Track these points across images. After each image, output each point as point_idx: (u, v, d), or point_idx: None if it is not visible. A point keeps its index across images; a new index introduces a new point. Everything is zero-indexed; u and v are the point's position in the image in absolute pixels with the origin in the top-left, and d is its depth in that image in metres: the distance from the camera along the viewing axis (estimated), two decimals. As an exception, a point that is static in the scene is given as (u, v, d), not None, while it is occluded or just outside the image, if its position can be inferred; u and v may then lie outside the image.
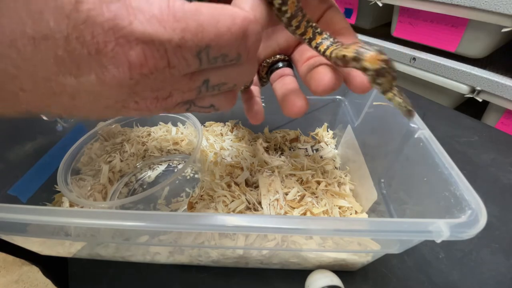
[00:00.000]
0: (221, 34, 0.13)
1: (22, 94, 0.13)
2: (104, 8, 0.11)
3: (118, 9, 0.11)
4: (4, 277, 0.29)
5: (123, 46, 0.12)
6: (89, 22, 0.11)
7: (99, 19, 0.11)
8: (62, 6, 0.11)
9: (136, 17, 0.12)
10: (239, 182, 0.36)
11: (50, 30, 0.11)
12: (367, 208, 0.32)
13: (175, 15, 0.12)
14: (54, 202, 0.38)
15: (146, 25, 0.12)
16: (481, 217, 0.17)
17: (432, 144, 0.23)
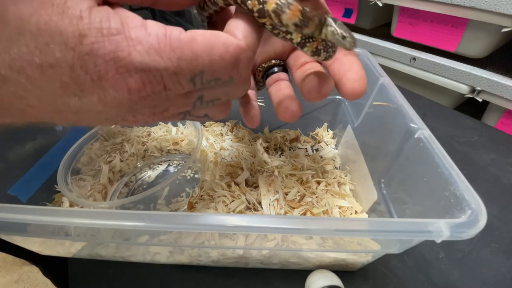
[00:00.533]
0: (214, 61, 0.14)
1: (29, 110, 0.14)
2: (106, 41, 0.12)
3: (119, 41, 0.13)
4: (4, 277, 0.29)
5: (122, 74, 0.13)
6: (92, 54, 0.12)
7: (101, 51, 0.12)
8: (67, 40, 0.12)
9: (135, 48, 0.13)
10: (239, 182, 0.36)
11: (56, 60, 0.12)
12: (367, 208, 0.32)
13: (171, 45, 0.13)
14: (54, 202, 0.38)
15: (144, 56, 0.13)
16: (481, 217, 0.17)
17: (432, 144, 0.23)
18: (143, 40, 0.13)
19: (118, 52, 0.13)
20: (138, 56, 0.13)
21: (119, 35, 0.13)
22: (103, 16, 0.13)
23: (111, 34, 0.12)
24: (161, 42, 0.13)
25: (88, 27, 0.12)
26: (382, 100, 0.31)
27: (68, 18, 0.12)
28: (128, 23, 0.13)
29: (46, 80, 0.13)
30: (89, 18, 0.12)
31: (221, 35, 0.15)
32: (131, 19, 0.13)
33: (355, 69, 0.21)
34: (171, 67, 0.13)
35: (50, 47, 0.12)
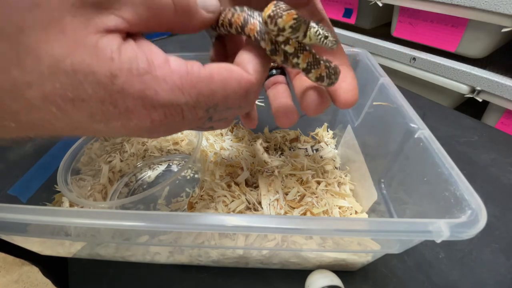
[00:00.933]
0: (228, 96, 0.17)
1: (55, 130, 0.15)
2: (135, 81, 0.14)
3: (146, 81, 0.14)
4: (4, 277, 0.29)
5: (148, 109, 0.15)
6: (122, 92, 0.14)
7: (131, 90, 0.14)
8: (100, 80, 0.13)
9: (161, 87, 0.14)
10: (239, 182, 0.36)
11: (88, 96, 0.14)
12: (367, 208, 0.32)
13: (192, 82, 0.15)
14: (54, 202, 0.38)
15: (169, 93, 0.15)
16: (481, 217, 0.17)
17: (432, 144, 0.23)
18: (167, 78, 0.14)
19: (146, 91, 0.14)
20: (163, 94, 0.15)
21: (147, 74, 0.14)
22: (131, 57, 0.14)
23: (140, 74, 0.14)
24: (183, 80, 0.15)
25: (119, 67, 0.14)
26: (382, 100, 0.31)
27: (100, 60, 0.13)
28: (154, 61, 0.14)
29: (77, 111, 0.14)
30: (119, 59, 0.14)
31: (234, 71, 0.17)
32: (156, 55, 0.15)
33: (348, 80, 0.22)
34: (191, 102, 0.15)
35: (83, 85, 0.13)
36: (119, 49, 0.14)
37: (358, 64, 0.37)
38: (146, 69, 0.14)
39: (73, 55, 0.13)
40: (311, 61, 0.18)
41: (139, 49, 0.14)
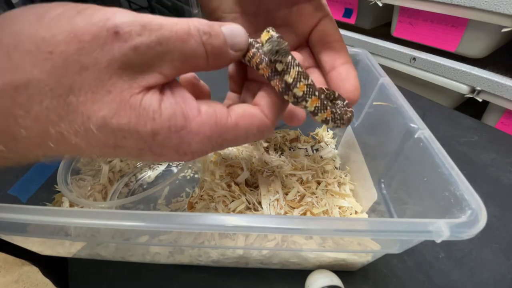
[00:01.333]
0: (247, 138, 0.19)
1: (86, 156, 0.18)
2: (173, 137, 0.16)
3: (183, 136, 0.16)
4: (4, 277, 0.29)
5: (180, 154, 0.17)
6: (161, 145, 0.16)
7: (168, 143, 0.16)
8: (142, 136, 0.15)
9: (194, 139, 0.16)
10: (239, 182, 0.36)
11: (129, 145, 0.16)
12: (367, 208, 0.32)
13: (219, 131, 0.17)
14: (54, 202, 0.38)
15: (199, 144, 0.17)
16: (481, 217, 0.17)
17: (432, 144, 0.23)
18: (200, 131, 0.16)
19: (182, 145, 0.16)
20: (195, 145, 0.17)
21: (183, 130, 0.16)
22: (170, 114, 0.16)
23: (177, 131, 0.16)
24: (212, 131, 0.17)
25: (160, 126, 0.15)
26: (382, 100, 0.31)
27: (143, 120, 0.15)
28: (189, 115, 0.16)
29: (115, 152, 0.16)
30: (160, 118, 0.15)
31: (256, 118, 0.19)
32: (189, 107, 0.16)
33: (351, 80, 0.23)
34: (216, 147, 0.18)
35: (126, 139, 0.15)
36: (159, 108, 0.15)
37: (358, 64, 0.37)
38: (182, 125, 0.16)
39: (119, 115, 0.14)
40: (318, 106, 0.19)
41: (176, 103, 0.16)
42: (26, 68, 0.13)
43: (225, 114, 0.18)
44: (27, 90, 0.13)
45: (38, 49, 0.13)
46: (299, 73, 0.18)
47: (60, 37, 0.13)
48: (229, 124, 0.17)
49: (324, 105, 0.19)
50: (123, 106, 0.14)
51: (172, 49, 0.15)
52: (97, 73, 0.14)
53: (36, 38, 0.13)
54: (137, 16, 0.15)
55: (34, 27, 0.13)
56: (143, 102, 0.15)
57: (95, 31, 0.14)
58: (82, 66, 0.14)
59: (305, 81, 0.18)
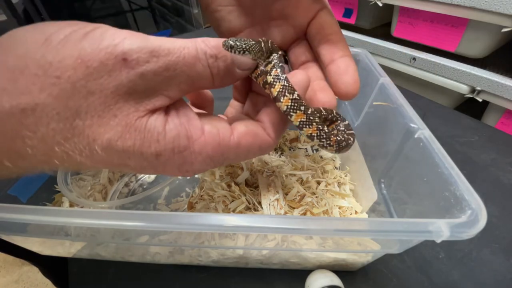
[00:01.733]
0: (248, 156, 0.19)
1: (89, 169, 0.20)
2: (176, 157, 0.16)
3: (186, 156, 0.16)
4: (4, 277, 0.29)
5: (182, 172, 0.17)
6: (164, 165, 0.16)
7: (171, 163, 0.16)
8: (146, 157, 0.16)
9: (196, 159, 0.17)
10: (239, 182, 0.36)
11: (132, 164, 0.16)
12: (367, 208, 0.32)
13: (221, 151, 0.17)
14: (54, 202, 0.38)
15: (201, 163, 0.17)
16: (481, 217, 0.17)
17: (432, 144, 0.23)
18: (202, 152, 0.17)
19: (184, 164, 0.17)
20: (197, 164, 0.17)
21: (186, 150, 0.16)
22: (174, 136, 0.16)
23: (180, 151, 0.16)
24: (214, 151, 0.17)
25: (164, 148, 0.16)
26: (382, 100, 0.31)
27: (148, 142, 0.15)
28: (192, 135, 0.16)
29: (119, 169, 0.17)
30: (164, 140, 0.16)
31: (258, 137, 0.19)
32: (193, 127, 0.17)
33: (350, 73, 0.23)
34: (217, 164, 0.18)
35: (130, 159, 0.16)
36: (164, 129, 0.16)
37: (358, 64, 0.37)
38: (186, 145, 0.16)
39: (124, 138, 0.15)
40: (303, 120, 0.19)
41: (180, 123, 0.16)
42: (34, 92, 0.13)
43: (228, 134, 0.18)
44: (34, 113, 0.14)
45: (45, 74, 0.13)
46: (284, 87, 0.18)
47: (67, 62, 0.13)
48: (231, 144, 0.18)
49: (310, 120, 0.19)
50: (128, 129, 0.15)
51: (179, 73, 0.16)
52: (103, 98, 0.14)
53: (43, 62, 0.13)
54: (146, 40, 0.15)
55: (41, 50, 0.13)
56: (148, 124, 0.15)
57: (103, 57, 0.14)
58: (89, 91, 0.14)
59: (289, 95, 0.18)
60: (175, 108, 0.17)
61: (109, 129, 0.14)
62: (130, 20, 2.09)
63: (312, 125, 0.19)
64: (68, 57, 0.13)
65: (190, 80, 0.16)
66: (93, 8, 1.97)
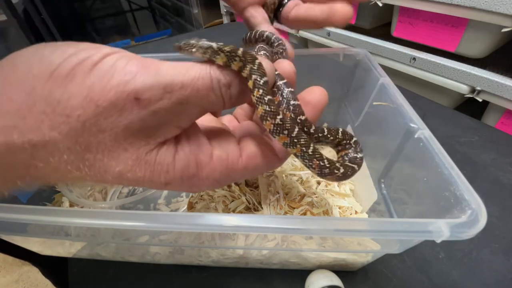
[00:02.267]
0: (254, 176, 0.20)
1: None
2: (185, 184, 0.17)
3: (194, 182, 0.17)
4: (4, 277, 0.29)
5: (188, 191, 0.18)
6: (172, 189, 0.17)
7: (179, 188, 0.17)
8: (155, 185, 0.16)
9: (204, 184, 0.17)
10: (239, 182, 0.36)
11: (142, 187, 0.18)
12: (367, 208, 0.32)
13: (228, 174, 0.17)
14: (54, 202, 0.38)
15: (208, 186, 0.18)
16: (481, 217, 0.17)
17: (432, 144, 0.23)
18: (210, 177, 0.17)
19: (192, 188, 0.17)
20: (204, 187, 0.17)
21: (194, 177, 0.16)
22: (184, 165, 0.16)
23: (189, 178, 0.16)
24: (222, 175, 0.17)
25: (173, 177, 0.16)
26: (382, 100, 0.31)
27: (157, 174, 0.15)
28: (202, 162, 0.17)
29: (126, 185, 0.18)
30: (174, 171, 0.16)
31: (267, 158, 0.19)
32: (204, 155, 0.17)
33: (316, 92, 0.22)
34: (222, 185, 0.19)
35: (140, 184, 0.16)
36: (174, 161, 0.16)
37: (358, 64, 0.37)
38: (195, 173, 0.16)
39: (135, 171, 0.15)
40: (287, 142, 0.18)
41: (190, 151, 0.16)
42: (43, 130, 0.13)
43: (236, 157, 0.18)
44: (45, 148, 0.14)
45: (53, 112, 0.13)
46: (266, 112, 0.17)
47: (76, 101, 0.13)
48: (239, 167, 0.18)
49: (294, 142, 0.18)
50: (138, 163, 0.15)
51: (191, 106, 0.15)
52: (114, 135, 0.14)
53: (51, 100, 0.13)
54: (158, 74, 0.14)
55: (48, 86, 0.13)
56: (158, 157, 0.15)
57: (113, 96, 0.13)
58: (99, 129, 0.14)
59: (271, 120, 0.17)
60: (186, 134, 0.17)
61: (119, 163, 0.15)
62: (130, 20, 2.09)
63: (296, 147, 0.18)
64: (77, 95, 0.13)
65: (202, 109, 0.16)
66: (93, 8, 1.97)
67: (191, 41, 0.17)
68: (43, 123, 0.13)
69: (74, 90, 0.13)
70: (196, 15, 1.87)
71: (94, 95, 0.13)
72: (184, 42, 0.17)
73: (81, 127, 0.13)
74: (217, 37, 0.61)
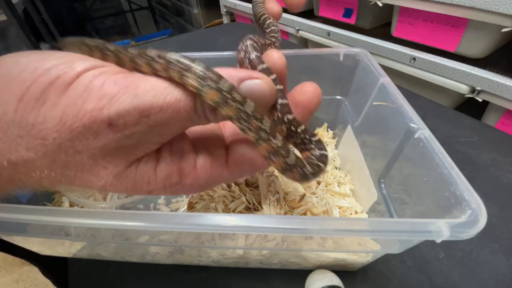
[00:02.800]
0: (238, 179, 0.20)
1: None
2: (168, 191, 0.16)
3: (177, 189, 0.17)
4: (4, 277, 0.29)
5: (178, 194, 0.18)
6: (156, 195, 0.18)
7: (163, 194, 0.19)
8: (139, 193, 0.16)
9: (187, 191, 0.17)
10: (239, 182, 0.36)
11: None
12: (367, 208, 0.32)
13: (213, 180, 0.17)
14: (54, 202, 0.38)
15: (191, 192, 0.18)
16: (481, 217, 0.17)
17: (432, 144, 0.23)
18: (194, 184, 0.17)
19: (175, 193, 0.17)
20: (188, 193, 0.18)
21: (177, 185, 0.16)
22: (166, 176, 0.16)
23: (171, 186, 0.16)
24: (207, 182, 0.17)
25: (155, 187, 0.16)
26: (382, 100, 0.31)
27: (139, 185, 0.16)
28: (184, 172, 0.16)
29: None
30: (155, 181, 0.16)
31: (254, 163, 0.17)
32: (187, 164, 0.16)
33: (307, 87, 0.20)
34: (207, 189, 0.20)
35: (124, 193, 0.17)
36: (155, 172, 0.16)
37: (358, 64, 0.37)
38: (177, 182, 0.16)
39: (116, 185, 0.15)
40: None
41: (172, 161, 0.16)
42: (21, 151, 0.13)
43: (222, 164, 0.17)
44: (26, 166, 0.14)
45: (28, 135, 0.13)
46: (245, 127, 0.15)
47: (50, 124, 0.13)
48: (224, 174, 0.17)
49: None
50: (119, 177, 0.15)
51: (171, 126, 0.14)
52: (91, 155, 0.14)
53: (24, 124, 0.13)
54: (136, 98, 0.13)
55: (20, 111, 0.13)
56: (139, 171, 0.15)
57: (87, 121, 0.13)
58: (76, 150, 0.14)
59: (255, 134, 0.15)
60: (169, 144, 0.16)
61: (100, 179, 0.15)
62: (130, 20, 2.09)
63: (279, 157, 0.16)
64: (51, 118, 0.13)
65: (183, 128, 0.15)
66: (93, 8, 1.97)
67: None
68: (20, 145, 0.13)
69: (48, 114, 0.13)
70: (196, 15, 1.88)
71: (68, 119, 0.13)
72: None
73: (57, 149, 0.13)
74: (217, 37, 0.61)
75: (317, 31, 0.92)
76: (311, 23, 0.94)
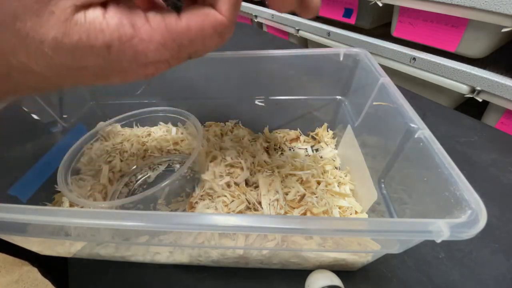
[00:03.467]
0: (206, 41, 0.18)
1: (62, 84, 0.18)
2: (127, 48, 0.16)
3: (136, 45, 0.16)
4: (4, 277, 0.29)
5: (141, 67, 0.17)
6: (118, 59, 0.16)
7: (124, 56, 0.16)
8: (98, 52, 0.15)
9: (149, 48, 0.16)
10: (239, 182, 0.36)
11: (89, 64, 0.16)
12: (367, 208, 0.32)
13: (172, 37, 0.17)
14: (54, 202, 0.38)
15: (155, 53, 0.17)
16: (481, 217, 0.17)
17: (432, 144, 0.23)
18: (152, 39, 0.16)
19: (138, 55, 0.16)
20: (151, 54, 0.16)
21: (134, 39, 0.16)
22: (118, 23, 0.15)
23: (128, 40, 0.15)
24: (165, 37, 0.16)
25: (110, 38, 0.15)
26: (382, 100, 0.31)
27: (93, 34, 0.15)
28: (136, 23, 0.16)
29: (80, 74, 0.17)
30: (109, 28, 0.15)
31: (209, 17, 0.17)
32: (137, 17, 0.16)
33: None
34: (175, 54, 0.17)
35: (84, 57, 0.15)
36: (105, 18, 0.15)
37: (358, 64, 0.37)
38: (132, 34, 0.16)
39: (68, 34, 0.14)
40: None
41: (121, 12, 0.16)
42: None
43: (174, 18, 0.17)
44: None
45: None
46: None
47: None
48: (179, 27, 0.17)
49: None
50: (69, 24, 0.14)
51: None
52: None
53: None
54: None
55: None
56: (88, 16, 0.15)
57: None
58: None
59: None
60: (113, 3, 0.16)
61: (50, 28, 0.14)
62: (130, 20, 2.09)
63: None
64: None
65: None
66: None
67: None
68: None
69: None
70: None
71: None
72: None
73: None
74: (217, 37, 0.58)
75: (317, 31, 0.92)
76: (311, 23, 0.94)
